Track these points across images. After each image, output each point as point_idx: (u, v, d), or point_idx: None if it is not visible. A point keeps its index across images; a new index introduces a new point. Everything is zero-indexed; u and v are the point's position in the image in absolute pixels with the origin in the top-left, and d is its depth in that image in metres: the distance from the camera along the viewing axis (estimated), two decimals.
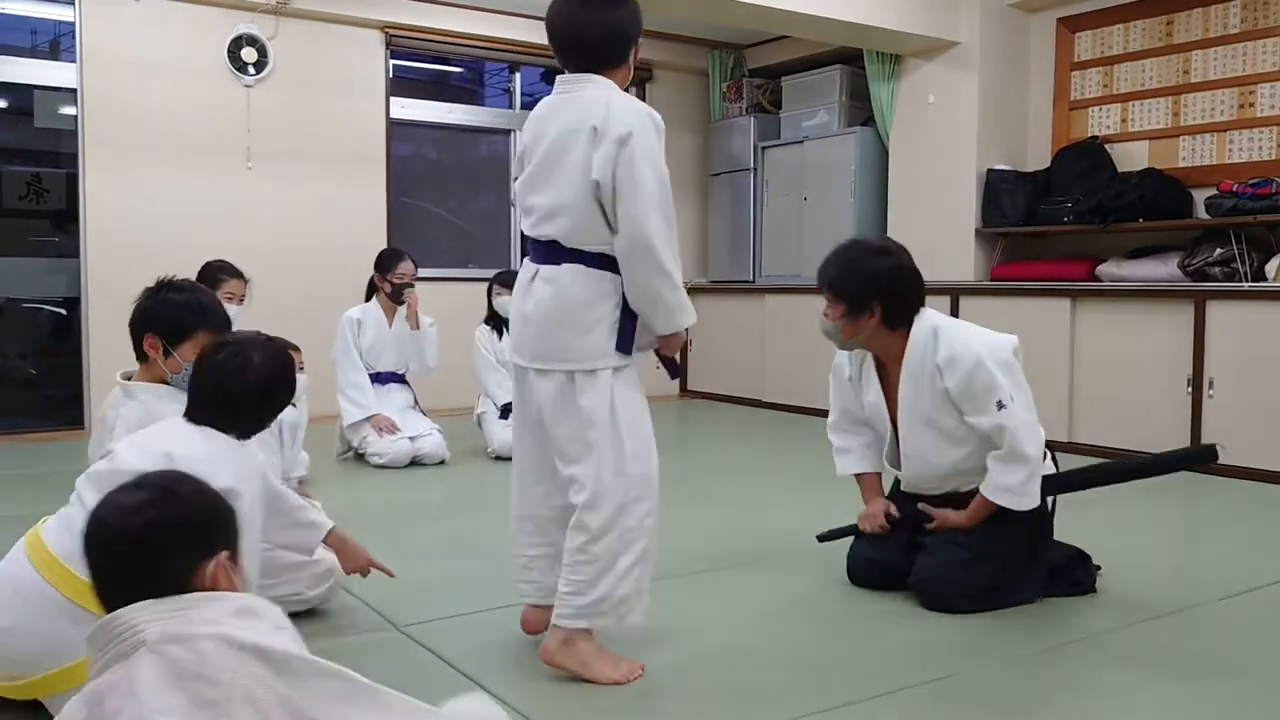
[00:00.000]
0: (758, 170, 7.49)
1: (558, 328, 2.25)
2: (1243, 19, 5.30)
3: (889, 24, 5.89)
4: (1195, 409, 4.88)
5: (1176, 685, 2.31)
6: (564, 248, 2.27)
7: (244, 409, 2.26)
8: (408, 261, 5.09)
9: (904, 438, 2.88)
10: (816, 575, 3.08)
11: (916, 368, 2.79)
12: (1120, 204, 5.35)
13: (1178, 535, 3.99)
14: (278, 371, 2.30)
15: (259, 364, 2.25)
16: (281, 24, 6.28)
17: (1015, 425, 2.67)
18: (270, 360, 2.28)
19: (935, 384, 2.75)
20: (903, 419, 2.85)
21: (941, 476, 2.90)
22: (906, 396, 2.83)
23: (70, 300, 5.96)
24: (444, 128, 7.31)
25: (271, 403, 2.32)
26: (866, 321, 2.78)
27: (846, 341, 2.87)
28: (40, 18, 5.99)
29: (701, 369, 7.87)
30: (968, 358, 2.69)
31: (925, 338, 2.78)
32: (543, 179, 2.29)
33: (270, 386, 2.28)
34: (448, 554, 3.41)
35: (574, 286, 2.25)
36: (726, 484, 4.65)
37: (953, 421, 2.78)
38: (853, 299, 2.77)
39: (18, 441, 5.59)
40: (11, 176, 5.95)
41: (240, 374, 2.23)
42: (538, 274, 2.30)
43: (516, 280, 2.41)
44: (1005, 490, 2.72)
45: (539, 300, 2.28)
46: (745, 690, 2.24)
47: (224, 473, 1.99)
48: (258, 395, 2.26)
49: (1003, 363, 2.72)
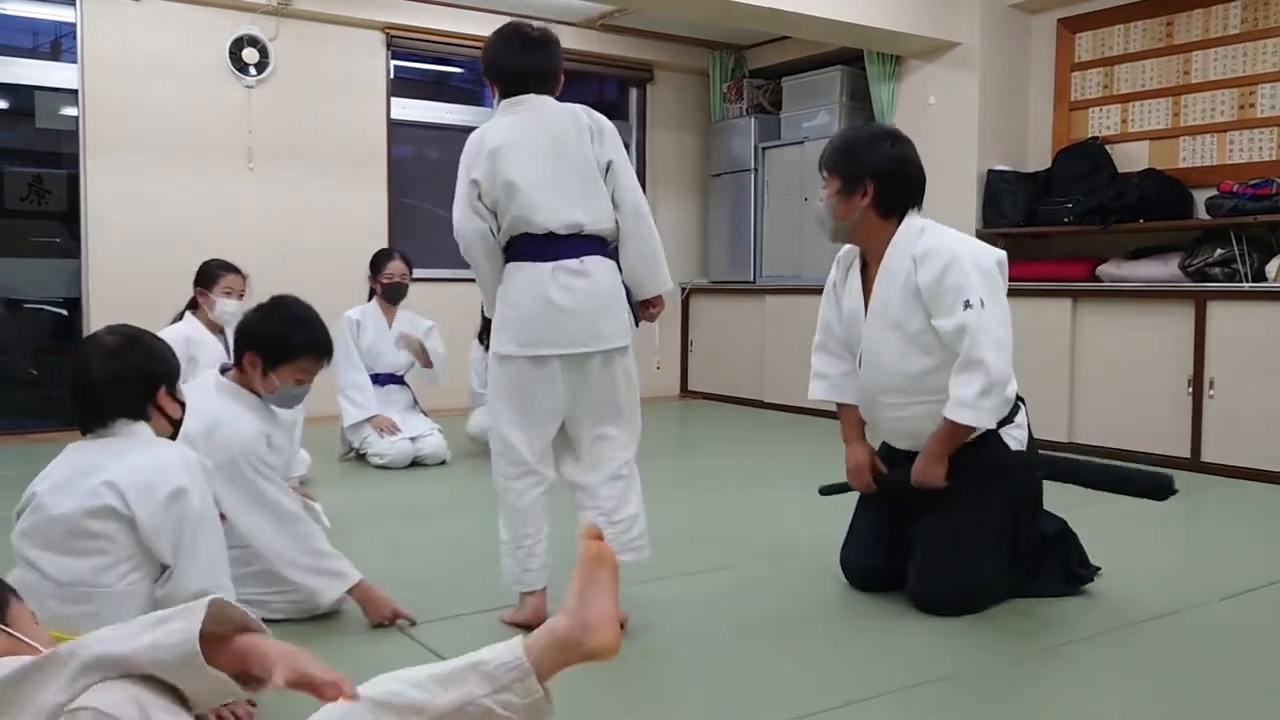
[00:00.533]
0: (758, 171, 7.49)
1: (597, 314, 2.53)
2: (1243, 20, 5.30)
3: (889, 25, 5.89)
4: (1196, 409, 4.88)
5: (1177, 686, 2.31)
6: (584, 238, 2.53)
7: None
8: (397, 261, 5.09)
9: (866, 338, 2.75)
10: (815, 575, 3.08)
11: (895, 263, 2.68)
12: (1121, 204, 5.35)
13: (1178, 536, 3.99)
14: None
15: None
16: (282, 25, 6.28)
17: (978, 328, 2.54)
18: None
19: (909, 280, 2.64)
20: (869, 319, 2.72)
21: (898, 389, 2.73)
22: (879, 294, 2.71)
23: (71, 301, 5.96)
24: (444, 128, 7.31)
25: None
26: (858, 201, 2.69)
27: (838, 224, 2.75)
28: (41, 18, 6.00)
29: (702, 369, 7.88)
30: (944, 252, 2.61)
31: (911, 233, 2.70)
32: (554, 179, 2.51)
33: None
34: (449, 554, 3.41)
35: (603, 275, 2.56)
36: (726, 484, 4.65)
37: (919, 325, 2.65)
38: (846, 176, 2.71)
39: (19, 442, 5.59)
40: (13, 177, 5.96)
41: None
42: (560, 268, 2.51)
43: (517, 280, 2.55)
44: (959, 404, 2.56)
45: (575, 292, 2.52)
46: (744, 690, 2.24)
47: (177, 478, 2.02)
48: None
49: (981, 267, 2.62)
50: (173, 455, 2.08)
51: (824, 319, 2.97)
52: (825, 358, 2.97)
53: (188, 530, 2.01)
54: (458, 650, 2.46)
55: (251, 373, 2.59)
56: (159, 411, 2.15)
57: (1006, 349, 2.60)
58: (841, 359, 2.94)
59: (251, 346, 2.60)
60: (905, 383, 2.73)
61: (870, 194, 2.69)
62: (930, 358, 2.68)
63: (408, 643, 2.53)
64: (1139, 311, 5.14)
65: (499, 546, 2.65)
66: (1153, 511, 4.10)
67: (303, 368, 2.59)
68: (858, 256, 2.85)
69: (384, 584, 2.67)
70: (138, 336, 2.17)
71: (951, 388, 2.60)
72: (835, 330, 2.93)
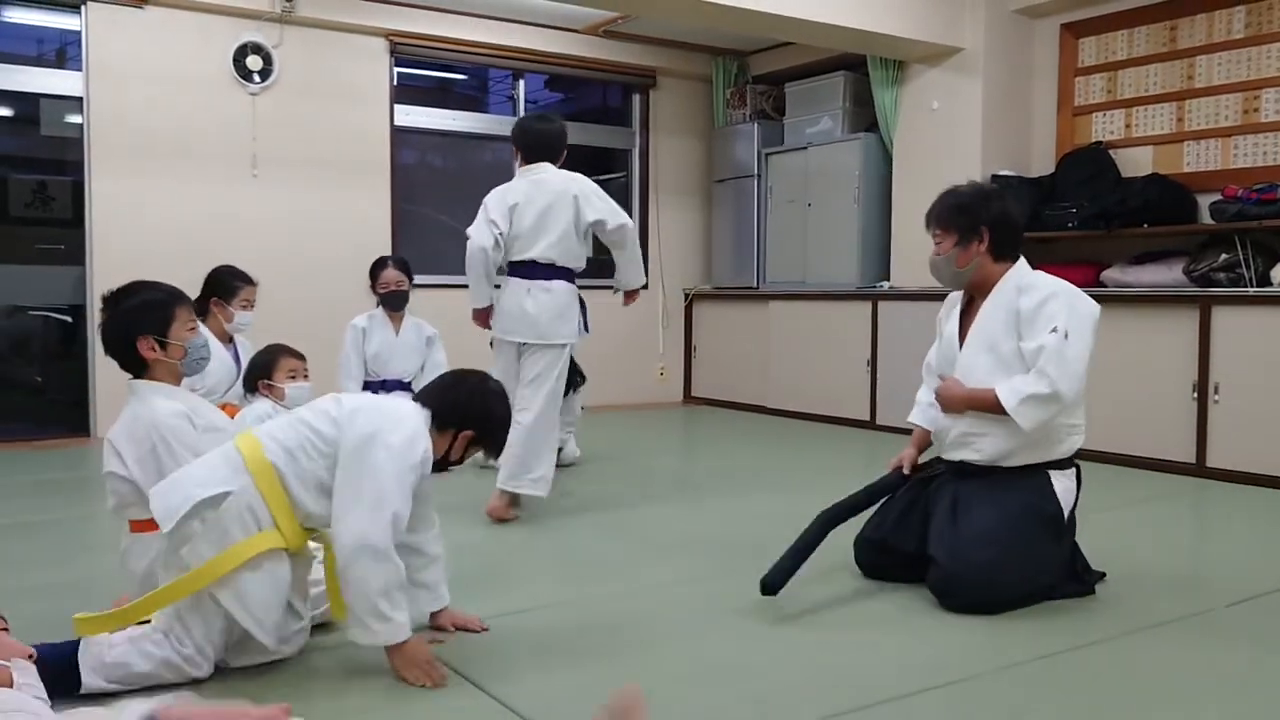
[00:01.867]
0: (762, 176, 7.49)
1: (554, 319, 3.95)
2: (1247, 24, 5.30)
3: (893, 30, 5.90)
4: (1201, 415, 4.87)
5: (1182, 692, 2.30)
6: (555, 267, 3.96)
7: None
8: (390, 269, 5.03)
9: (961, 360, 2.98)
10: (822, 581, 3.07)
11: (1002, 293, 2.94)
12: (1124, 209, 5.35)
13: (1184, 541, 3.98)
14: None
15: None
16: (286, 32, 6.30)
17: (1056, 350, 2.76)
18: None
19: (1012, 304, 2.88)
20: (969, 341, 2.97)
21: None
22: (982, 319, 2.96)
23: (76, 308, 5.98)
24: (448, 135, 7.33)
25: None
26: (976, 248, 2.95)
27: (958, 272, 2.99)
28: (46, 26, 6.02)
29: (705, 375, 7.87)
30: (1050, 285, 2.89)
31: (1022, 270, 2.98)
32: (542, 229, 3.93)
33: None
34: (450, 559, 3.40)
35: (563, 294, 3.98)
36: (730, 489, 4.64)
37: (1010, 348, 2.88)
38: (963, 229, 2.95)
39: (24, 448, 5.60)
40: (18, 184, 5.98)
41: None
42: (534, 286, 3.95)
43: (509, 288, 3.99)
44: (1011, 389, 2.78)
45: (539, 303, 3.94)
46: (752, 696, 2.23)
47: None
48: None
49: (1076, 308, 2.84)
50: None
51: (929, 360, 3.25)
52: (925, 388, 3.25)
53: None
54: (458, 654, 2.47)
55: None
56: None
57: (1075, 380, 2.79)
58: (932, 388, 3.18)
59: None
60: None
61: (987, 241, 2.95)
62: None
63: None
64: (1143, 317, 5.13)
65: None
66: (1158, 517, 4.10)
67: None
68: (962, 295, 3.12)
69: None
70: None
71: (1015, 378, 2.81)
72: (933, 368, 3.20)
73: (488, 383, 2.54)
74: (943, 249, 3.00)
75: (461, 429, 2.43)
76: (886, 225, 6.68)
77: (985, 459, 2.94)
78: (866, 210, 6.73)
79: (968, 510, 2.88)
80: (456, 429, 2.43)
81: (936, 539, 2.89)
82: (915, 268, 6.34)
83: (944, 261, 3.01)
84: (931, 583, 2.84)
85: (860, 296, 6.59)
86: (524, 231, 3.90)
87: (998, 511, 2.82)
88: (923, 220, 3.13)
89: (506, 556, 3.47)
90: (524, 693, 2.23)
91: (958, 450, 3.02)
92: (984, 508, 2.85)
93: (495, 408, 2.50)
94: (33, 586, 3.03)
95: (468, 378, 2.54)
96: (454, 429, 2.43)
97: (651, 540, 3.69)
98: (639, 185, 7.89)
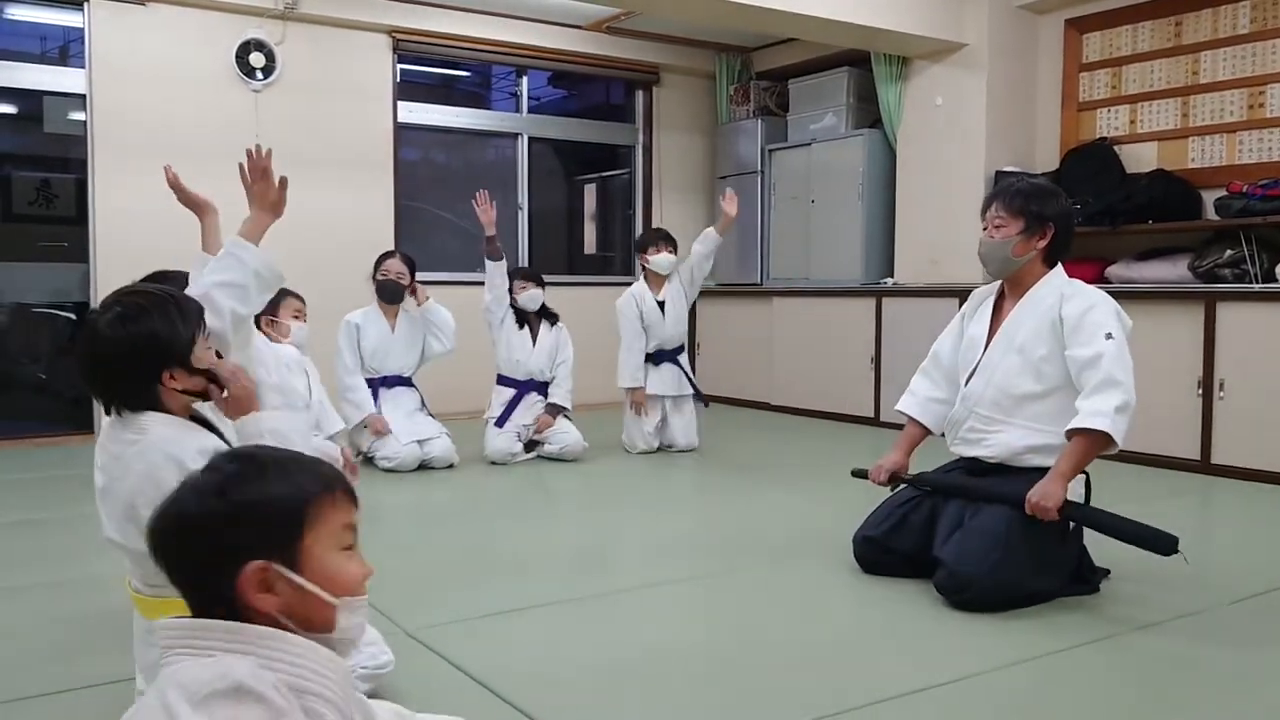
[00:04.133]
0: (765, 173, 7.48)
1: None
2: (1252, 19, 5.28)
3: (896, 26, 5.88)
4: (1206, 411, 4.85)
5: (1186, 690, 2.29)
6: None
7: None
8: (395, 259, 5.12)
9: (985, 358, 2.97)
10: (828, 577, 3.07)
11: (1039, 296, 2.91)
12: (1129, 205, 5.33)
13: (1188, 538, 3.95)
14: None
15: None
16: (289, 29, 6.29)
17: (1117, 356, 2.74)
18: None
19: (1049, 311, 2.85)
20: (995, 341, 2.95)
21: (997, 404, 2.92)
22: (1013, 320, 2.93)
23: (80, 305, 5.97)
24: (451, 131, 7.32)
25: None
26: (1036, 242, 2.90)
27: (1013, 260, 2.93)
28: (49, 23, 6.01)
29: (709, 372, 7.86)
30: (1093, 295, 2.87)
31: (1062, 277, 2.95)
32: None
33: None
34: (456, 558, 3.41)
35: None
36: (736, 486, 4.64)
37: (1042, 353, 2.86)
38: (1032, 217, 2.90)
39: (27, 446, 5.61)
40: (21, 182, 5.98)
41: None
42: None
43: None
44: (1098, 414, 2.71)
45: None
46: (759, 692, 2.23)
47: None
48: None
49: (1120, 316, 2.84)
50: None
51: (936, 350, 3.23)
52: (923, 381, 3.23)
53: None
54: (466, 654, 2.47)
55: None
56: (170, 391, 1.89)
57: (1131, 380, 2.77)
58: (936, 385, 3.19)
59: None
60: (1007, 401, 2.93)
61: (1049, 238, 2.92)
62: (1038, 385, 2.90)
63: (416, 646, 2.51)
64: (1148, 313, 5.10)
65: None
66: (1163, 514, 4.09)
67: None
68: (994, 293, 3.09)
69: (386, 584, 2.66)
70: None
71: (1085, 405, 2.74)
72: (943, 361, 3.18)
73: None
74: (1003, 234, 2.92)
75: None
76: (890, 222, 6.67)
77: (996, 456, 2.94)
78: (870, 207, 6.71)
79: (977, 510, 2.88)
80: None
81: (944, 538, 2.88)
82: (919, 264, 6.33)
83: (1000, 246, 2.93)
84: (938, 581, 2.84)
85: (864, 293, 6.58)
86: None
87: (1007, 512, 2.81)
88: (928, 215, 3.12)
89: (509, 553, 3.47)
90: (525, 692, 2.23)
91: (968, 446, 3.02)
92: (993, 508, 2.84)
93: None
94: (36, 584, 3.04)
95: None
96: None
97: (653, 537, 3.68)
98: (642, 182, 7.88)
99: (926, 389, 3.21)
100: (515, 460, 5.08)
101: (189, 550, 1.15)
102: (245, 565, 1.13)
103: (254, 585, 1.13)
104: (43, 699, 2.17)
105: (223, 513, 1.14)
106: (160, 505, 1.16)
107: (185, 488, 1.17)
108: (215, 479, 1.17)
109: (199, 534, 1.14)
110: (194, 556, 1.15)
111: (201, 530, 1.14)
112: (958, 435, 3.05)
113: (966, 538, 2.82)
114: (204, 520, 1.14)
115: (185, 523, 1.15)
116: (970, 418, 3.00)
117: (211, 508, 1.14)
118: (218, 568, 1.13)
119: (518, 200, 7.42)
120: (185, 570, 1.16)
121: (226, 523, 1.14)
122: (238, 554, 1.13)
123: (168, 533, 1.15)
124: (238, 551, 1.13)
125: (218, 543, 1.14)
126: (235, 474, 1.17)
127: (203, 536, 1.14)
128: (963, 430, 3.03)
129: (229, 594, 1.13)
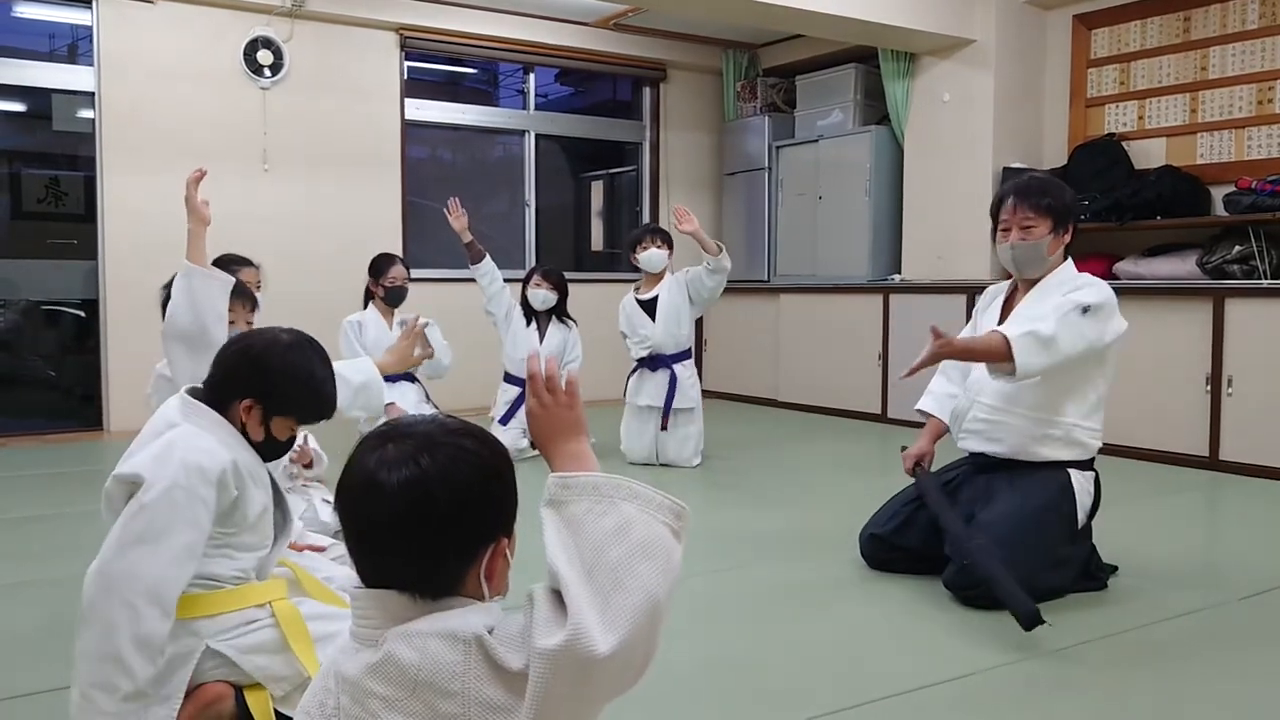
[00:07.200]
0: (772, 170, 7.48)
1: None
2: (1261, 15, 5.26)
3: (904, 22, 5.87)
4: (1214, 407, 4.84)
5: (1195, 686, 2.29)
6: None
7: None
8: (399, 265, 5.15)
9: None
10: (834, 573, 3.08)
11: (1049, 286, 2.92)
12: (1137, 201, 5.32)
13: (1197, 534, 3.96)
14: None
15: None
16: (297, 26, 6.30)
17: (1070, 310, 2.75)
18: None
19: (1058, 296, 2.85)
20: (1005, 326, 2.93)
21: (999, 393, 2.93)
22: (1022, 308, 2.93)
23: (89, 302, 6.00)
24: (458, 129, 7.33)
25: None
26: (1063, 239, 2.94)
27: (1046, 259, 2.94)
28: (58, 21, 6.04)
29: (716, 369, 7.86)
30: (1105, 288, 2.88)
31: (1072, 269, 2.98)
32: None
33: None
34: None
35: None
36: (740, 483, 4.64)
37: None
38: (1059, 215, 2.92)
39: (37, 442, 5.63)
40: (30, 180, 6.00)
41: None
42: None
43: None
44: (1016, 325, 2.76)
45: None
46: (764, 690, 2.23)
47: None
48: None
49: (1114, 315, 2.84)
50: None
51: None
52: (941, 380, 3.26)
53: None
54: None
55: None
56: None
57: (1077, 342, 2.76)
58: (952, 382, 3.21)
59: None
60: (1009, 389, 2.91)
61: (1071, 234, 2.96)
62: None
63: None
64: (1156, 309, 5.10)
65: None
66: (1171, 510, 4.08)
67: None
68: (1007, 290, 3.12)
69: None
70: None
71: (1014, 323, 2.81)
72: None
73: (258, 336, 2.01)
74: (1034, 234, 2.91)
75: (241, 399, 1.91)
76: (898, 218, 6.66)
77: (1005, 451, 2.94)
78: (877, 203, 6.70)
79: (987, 505, 2.89)
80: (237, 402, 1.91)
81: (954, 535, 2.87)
82: (926, 260, 6.32)
83: (1034, 248, 2.91)
84: (947, 578, 2.83)
85: (871, 290, 6.57)
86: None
87: (1017, 509, 2.82)
88: (935, 211, 3.13)
89: (520, 550, 3.47)
90: None
91: (975, 440, 3.02)
92: (1003, 505, 2.85)
93: (272, 360, 1.93)
94: (44, 580, 3.05)
95: (242, 338, 2.03)
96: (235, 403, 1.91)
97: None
98: (649, 179, 7.88)
99: (944, 387, 3.23)
100: (520, 458, 5.09)
101: (459, 520, 1.13)
102: (499, 539, 1.17)
103: (501, 556, 1.18)
104: (46, 695, 2.18)
105: (499, 491, 1.17)
106: (432, 472, 1.11)
107: (460, 462, 1.14)
108: (489, 457, 1.17)
109: (479, 506, 1.15)
110: (464, 527, 1.14)
111: (483, 502, 1.15)
112: (962, 427, 3.06)
113: (977, 533, 2.82)
114: (486, 493, 1.15)
115: (465, 495, 1.13)
116: (974, 407, 3.02)
117: (491, 486, 1.16)
118: (479, 539, 1.15)
119: (525, 197, 7.43)
120: (442, 539, 1.13)
121: (504, 498, 1.18)
122: (496, 530, 1.16)
123: (440, 500, 1.11)
124: (497, 528, 1.16)
125: (494, 516, 1.16)
126: (503, 454, 1.19)
127: (481, 509, 1.15)
128: (967, 421, 3.04)
129: (465, 570, 1.15)
